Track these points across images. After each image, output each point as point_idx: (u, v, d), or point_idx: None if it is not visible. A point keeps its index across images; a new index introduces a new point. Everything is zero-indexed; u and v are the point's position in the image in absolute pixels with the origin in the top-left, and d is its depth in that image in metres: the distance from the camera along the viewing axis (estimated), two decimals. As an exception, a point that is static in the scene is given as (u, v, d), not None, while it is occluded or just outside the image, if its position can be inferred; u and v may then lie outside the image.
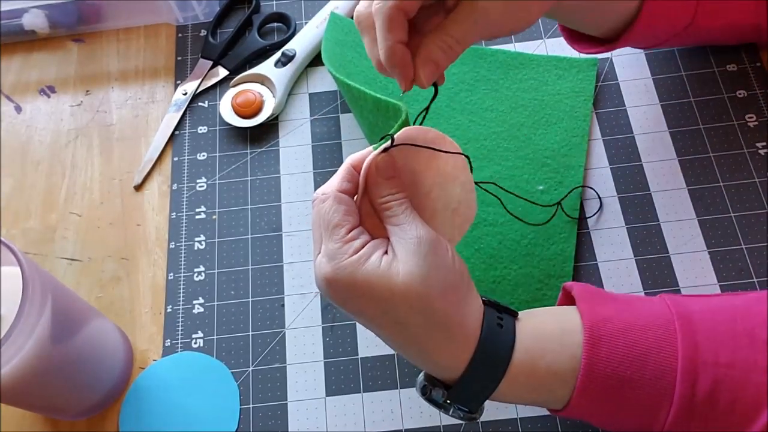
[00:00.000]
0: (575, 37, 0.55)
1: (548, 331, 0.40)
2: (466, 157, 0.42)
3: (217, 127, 0.62)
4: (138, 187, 0.60)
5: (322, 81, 0.64)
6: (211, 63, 0.65)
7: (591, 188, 0.56)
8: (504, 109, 0.60)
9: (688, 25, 0.51)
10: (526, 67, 0.61)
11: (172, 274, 0.56)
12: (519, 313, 0.41)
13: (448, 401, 0.39)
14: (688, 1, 0.50)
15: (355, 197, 0.40)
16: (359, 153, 0.41)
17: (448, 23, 0.40)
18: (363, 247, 0.37)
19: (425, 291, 0.37)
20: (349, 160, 0.40)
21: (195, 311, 0.55)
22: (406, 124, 0.42)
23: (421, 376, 0.41)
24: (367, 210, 0.40)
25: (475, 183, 0.42)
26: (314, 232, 0.40)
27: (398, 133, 0.40)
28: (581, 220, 0.55)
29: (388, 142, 0.40)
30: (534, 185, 0.56)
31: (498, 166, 0.57)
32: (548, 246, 0.54)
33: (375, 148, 0.40)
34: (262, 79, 0.63)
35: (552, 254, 0.53)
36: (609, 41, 0.52)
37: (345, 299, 0.38)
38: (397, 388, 0.51)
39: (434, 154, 0.40)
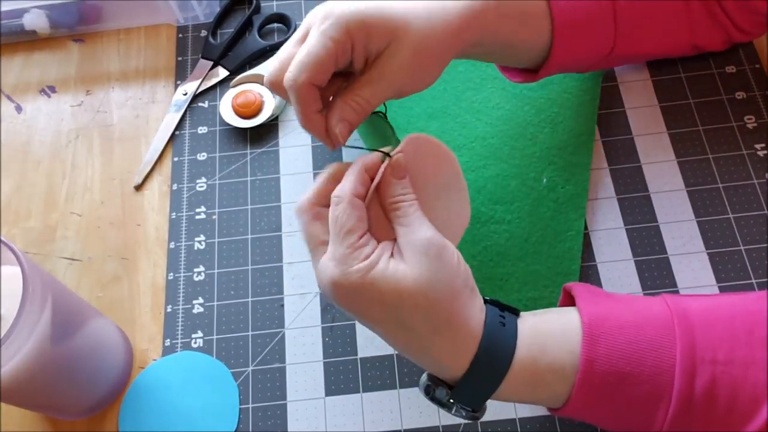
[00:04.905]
0: (502, 66, 0.54)
1: (549, 328, 0.40)
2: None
3: (217, 128, 0.63)
4: (138, 187, 0.60)
5: (322, 81, 0.64)
6: (211, 63, 0.65)
7: None
8: (510, 108, 0.60)
9: (609, 53, 0.51)
10: None
11: (172, 274, 0.56)
12: (521, 312, 0.41)
13: (452, 400, 0.40)
14: (604, 35, 0.50)
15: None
16: (370, 156, 0.41)
17: (359, 85, 0.41)
18: (372, 252, 0.38)
19: (433, 294, 0.37)
20: (361, 164, 0.40)
21: (195, 311, 0.55)
22: (385, 125, 0.43)
23: (424, 376, 0.41)
24: (377, 213, 0.40)
25: None
26: (308, 239, 0.40)
27: (403, 140, 0.41)
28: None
29: (388, 148, 0.40)
30: (540, 183, 0.56)
31: (505, 164, 0.57)
32: (555, 244, 0.54)
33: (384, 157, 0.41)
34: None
35: (559, 252, 0.53)
36: (534, 70, 0.52)
37: (351, 303, 0.38)
38: (396, 388, 0.51)
39: (431, 162, 0.41)
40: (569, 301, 0.43)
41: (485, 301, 0.40)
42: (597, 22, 0.49)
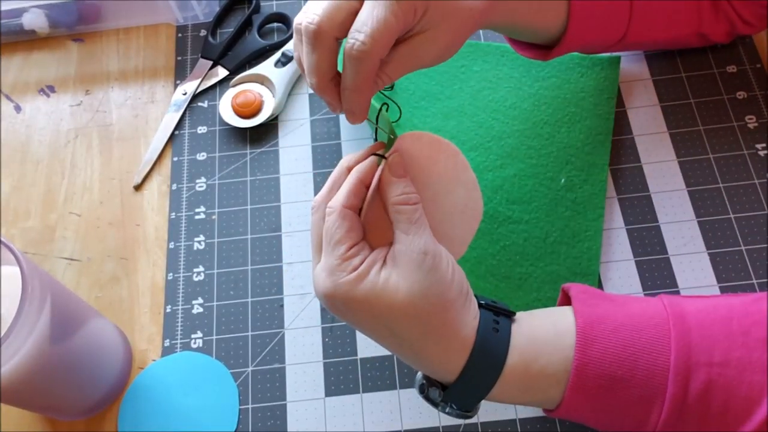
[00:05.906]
0: (514, 40, 0.55)
1: (543, 333, 0.40)
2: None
3: (217, 127, 0.62)
4: (137, 187, 0.60)
5: (321, 81, 0.64)
6: (210, 63, 0.65)
7: None
8: (527, 107, 0.60)
9: (621, 38, 0.53)
10: (548, 65, 0.61)
11: (171, 274, 0.56)
12: (517, 313, 0.41)
13: (444, 401, 0.40)
14: (618, 19, 0.52)
15: (361, 208, 0.40)
16: (366, 164, 0.40)
17: (385, 63, 0.40)
18: (361, 264, 0.38)
19: (425, 307, 0.37)
20: (356, 174, 0.40)
21: (194, 311, 0.55)
22: (386, 121, 0.42)
23: (419, 374, 0.41)
24: (374, 218, 0.40)
25: None
26: (314, 239, 0.40)
27: (397, 140, 0.41)
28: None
29: (378, 144, 0.40)
30: (558, 183, 0.56)
31: (522, 164, 0.57)
32: (574, 244, 0.53)
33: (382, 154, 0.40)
34: (262, 80, 0.63)
35: (578, 252, 0.53)
36: (547, 47, 0.53)
37: (343, 312, 0.39)
38: (396, 389, 0.51)
39: (434, 158, 0.40)
40: (567, 300, 0.43)
41: (480, 306, 0.40)
42: (613, 5, 0.51)
